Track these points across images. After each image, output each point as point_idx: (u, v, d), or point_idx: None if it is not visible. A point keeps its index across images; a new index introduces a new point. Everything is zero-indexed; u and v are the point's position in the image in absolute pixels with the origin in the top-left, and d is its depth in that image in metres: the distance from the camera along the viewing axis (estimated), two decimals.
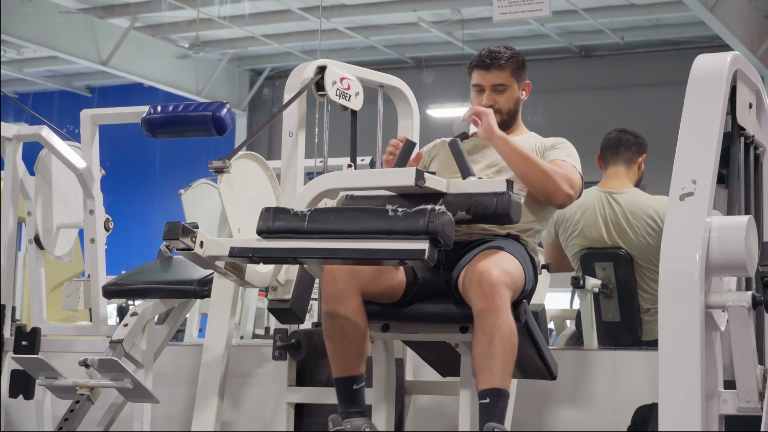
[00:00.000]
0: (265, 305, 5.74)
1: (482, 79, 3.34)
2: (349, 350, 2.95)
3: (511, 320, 2.82)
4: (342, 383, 2.97)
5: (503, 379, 2.78)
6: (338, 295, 2.92)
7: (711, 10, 9.68)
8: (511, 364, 2.82)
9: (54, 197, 3.96)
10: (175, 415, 4.17)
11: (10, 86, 14.45)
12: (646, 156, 4.38)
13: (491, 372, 2.77)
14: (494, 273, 2.82)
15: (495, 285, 2.81)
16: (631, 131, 4.39)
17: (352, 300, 2.93)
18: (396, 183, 2.80)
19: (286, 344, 3.36)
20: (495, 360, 2.77)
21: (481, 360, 2.79)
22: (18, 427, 4.40)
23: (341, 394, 2.97)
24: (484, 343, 2.79)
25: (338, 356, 2.97)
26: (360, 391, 2.97)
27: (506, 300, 2.83)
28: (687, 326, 2.30)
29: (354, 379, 2.96)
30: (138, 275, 3.77)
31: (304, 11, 11.93)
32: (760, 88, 2.83)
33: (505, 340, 2.78)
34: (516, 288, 2.91)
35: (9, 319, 3.84)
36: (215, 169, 2.90)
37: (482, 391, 2.78)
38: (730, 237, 2.37)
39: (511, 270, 2.90)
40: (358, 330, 2.94)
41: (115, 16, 12.46)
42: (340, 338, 2.95)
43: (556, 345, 5.17)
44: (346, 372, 2.96)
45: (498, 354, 2.78)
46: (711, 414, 2.48)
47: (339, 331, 2.94)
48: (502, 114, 3.35)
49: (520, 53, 3.39)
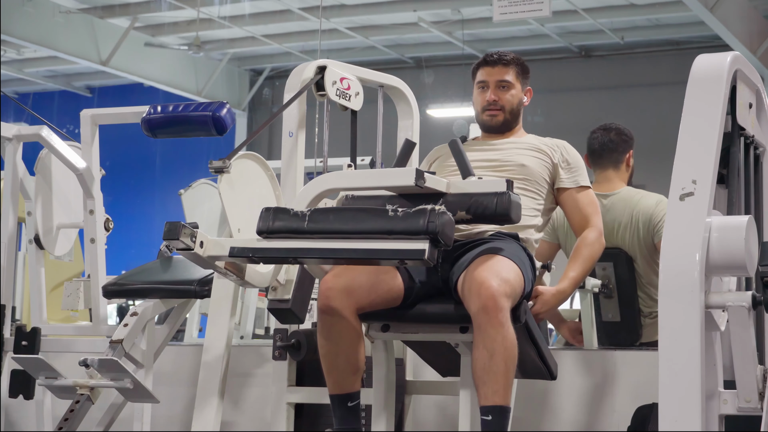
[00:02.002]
0: (265, 305, 5.74)
1: (487, 75, 3.38)
2: (343, 369, 2.94)
3: (512, 333, 2.81)
4: (337, 400, 2.96)
5: (505, 396, 2.78)
6: (332, 314, 2.90)
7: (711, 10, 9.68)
8: (512, 377, 2.82)
9: (54, 197, 3.96)
10: (175, 415, 4.17)
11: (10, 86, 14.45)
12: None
13: (493, 389, 2.77)
14: (494, 284, 2.80)
15: (495, 297, 2.78)
16: (614, 128, 4.31)
17: (347, 318, 2.90)
18: (396, 183, 2.80)
19: (286, 344, 3.37)
20: (497, 376, 2.77)
21: (482, 375, 2.78)
22: (18, 427, 4.40)
23: (336, 412, 2.97)
24: (485, 358, 2.77)
25: (333, 374, 2.95)
26: (355, 409, 2.96)
27: (506, 312, 2.81)
28: (687, 326, 2.30)
29: (349, 396, 2.95)
30: (138, 275, 3.77)
31: (304, 11, 11.94)
32: (760, 88, 2.83)
33: (507, 354, 2.78)
34: (515, 295, 2.90)
35: (9, 319, 3.84)
36: (215, 169, 2.90)
37: (484, 408, 2.78)
38: (730, 237, 2.37)
39: (510, 278, 2.88)
40: (353, 348, 2.92)
41: (115, 16, 12.46)
42: (334, 356, 2.93)
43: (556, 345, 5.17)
44: (340, 390, 2.95)
45: (499, 370, 2.77)
46: (711, 414, 2.47)
47: (333, 349, 2.92)
48: (505, 112, 3.37)
49: (524, 60, 3.45)
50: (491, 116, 3.38)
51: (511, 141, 3.38)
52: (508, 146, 3.35)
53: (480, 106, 3.41)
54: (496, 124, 3.39)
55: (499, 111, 3.37)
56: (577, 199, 3.33)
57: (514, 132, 3.41)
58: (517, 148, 3.33)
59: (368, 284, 2.94)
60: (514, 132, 3.41)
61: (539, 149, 3.34)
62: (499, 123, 3.39)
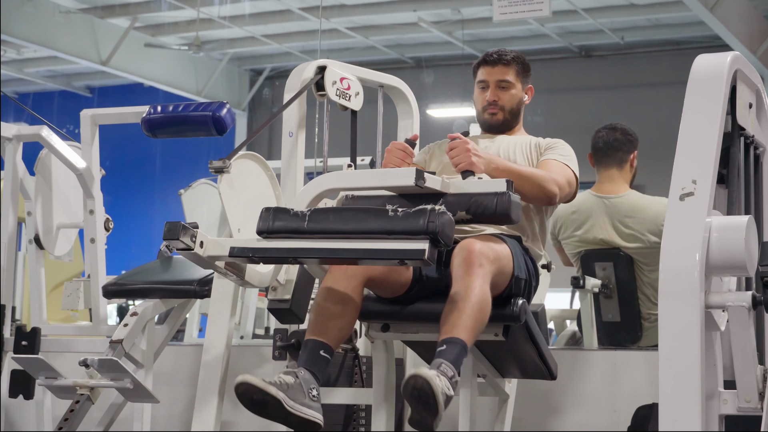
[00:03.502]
0: (265, 305, 5.74)
1: (487, 74, 3.38)
2: (334, 319, 2.85)
3: (487, 290, 2.78)
4: (311, 344, 2.82)
5: (466, 334, 2.71)
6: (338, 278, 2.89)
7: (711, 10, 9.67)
8: (478, 325, 2.75)
9: (54, 197, 3.96)
10: (175, 415, 4.17)
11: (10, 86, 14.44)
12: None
13: (454, 324, 2.71)
14: (476, 245, 2.82)
15: (475, 253, 2.80)
16: (620, 128, 4.33)
17: (356, 280, 2.89)
18: (396, 183, 2.80)
19: (286, 344, 3.36)
20: (461, 315, 2.72)
21: (447, 315, 2.74)
22: (18, 427, 4.40)
23: (304, 354, 2.82)
24: (454, 302, 2.75)
25: (320, 320, 2.85)
26: (324, 360, 2.81)
27: (486, 271, 2.80)
28: (687, 326, 2.30)
29: (325, 345, 2.82)
30: (138, 275, 3.77)
31: (304, 11, 11.93)
32: (760, 88, 2.83)
33: (475, 301, 2.74)
34: (500, 266, 2.89)
35: (9, 319, 3.84)
36: (215, 169, 2.90)
37: (441, 341, 2.71)
38: (730, 237, 2.37)
39: (498, 249, 2.90)
40: (349, 308, 2.88)
41: (115, 16, 12.45)
42: (331, 305, 2.86)
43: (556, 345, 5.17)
44: (320, 335, 2.83)
45: (465, 311, 2.72)
46: (711, 414, 2.47)
47: (331, 299, 2.87)
48: (505, 112, 3.38)
49: (525, 58, 3.43)
50: (491, 115, 3.39)
51: (508, 137, 3.37)
52: (502, 141, 3.34)
53: (480, 106, 3.41)
54: (496, 123, 3.39)
55: (499, 110, 3.37)
56: (549, 164, 3.23)
57: (514, 131, 3.42)
58: (510, 144, 3.32)
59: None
60: (514, 131, 3.41)
61: (531, 145, 3.33)
62: (499, 122, 3.39)
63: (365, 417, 3.54)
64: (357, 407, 3.57)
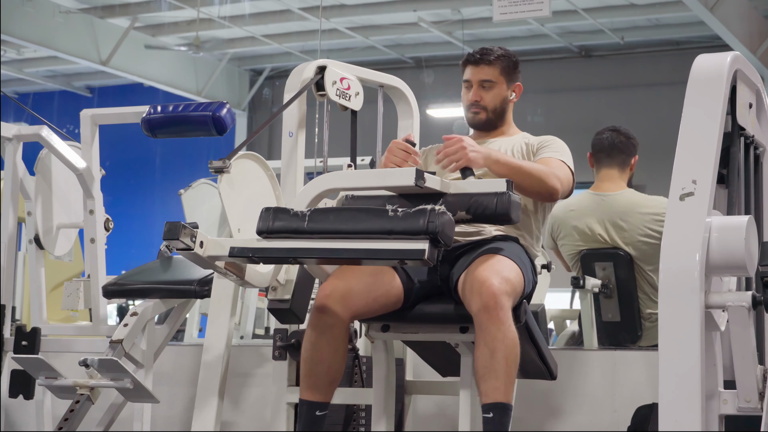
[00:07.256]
0: (265, 305, 5.74)
1: (471, 74, 3.36)
2: (322, 376, 2.91)
3: (513, 331, 2.80)
4: (306, 406, 2.91)
5: (506, 393, 2.77)
6: (324, 326, 2.90)
7: (711, 10, 9.68)
8: (514, 375, 2.80)
9: (54, 197, 3.96)
10: (175, 415, 4.17)
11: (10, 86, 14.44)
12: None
13: (494, 386, 2.76)
14: (495, 282, 2.80)
15: (496, 296, 2.78)
16: (623, 131, 4.34)
17: (338, 329, 2.90)
18: (396, 183, 2.80)
19: (286, 344, 3.37)
20: (498, 374, 2.76)
21: (483, 372, 2.77)
22: (18, 427, 4.40)
23: (302, 417, 2.91)
24: (486, 356, 2.76)
25: (310, 378, 2.91)
26: (321, 419, 2.91)
27: (507, 310, 2.81)
28: (687, 326, 2.30)
29: (320, 405, 2.91)
30: (138, 275, 3.77)
31: (304, 11, 11.93)
32: (760, 88, 2.83)
33: (508, 352, 2.77)
34: (516, 294, 2.90)
35: (9, 319, 3.84)
36: (215, 169, 2.90)
37: (486, 405, 2.77)
38: (730, 237, 2.37)
39: (511, 277, 2.88)
40: (336, 359, 2.91)
41: (115, 16, 12.46)
42: (316, 362, 2.90)
43: (556, 345, 5.17)
44: (312, 396, 2.91)
45: (501, 368, 2.76)
46: (711, 414, 2.47)
47: (316, 355, 2.90)
48: (488, 112, 3.36)
49: (513, 55, 3.39)
50: (474, 114, 3.37)
51: (501, 140, 3.36)
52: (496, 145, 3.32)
53: (465, 105, 3.41)
54: (479, 122, 3.37)
55: (482, 110, 3.35)
56: (546, 161, 3.21)
57: (504, 130, 3.39)
58: (502, 148, 3.30)
59: (366, 290, 2.93)
60: (503, 130, 3.39)
61: (529, 150, 3.31)
62: (481, 121, 3.37)
63: (365, 417, 3.54)
64: (357, 407, 3.57)
